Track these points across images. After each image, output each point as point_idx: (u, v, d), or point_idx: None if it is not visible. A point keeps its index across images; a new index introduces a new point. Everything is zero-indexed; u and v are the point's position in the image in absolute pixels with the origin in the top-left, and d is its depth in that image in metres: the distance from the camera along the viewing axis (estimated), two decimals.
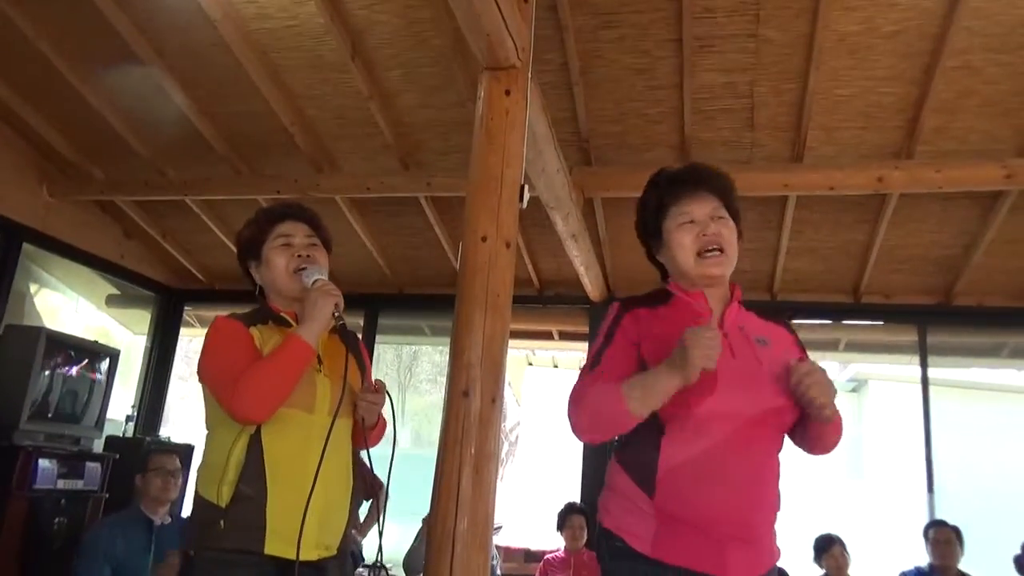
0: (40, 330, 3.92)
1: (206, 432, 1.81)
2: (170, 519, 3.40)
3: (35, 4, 3.64)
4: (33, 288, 5.74)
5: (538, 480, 8.17)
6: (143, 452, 4.95)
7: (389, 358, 11.84)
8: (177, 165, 4.69)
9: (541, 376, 8.71)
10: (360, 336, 2.01)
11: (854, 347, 5.72)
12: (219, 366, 1.73)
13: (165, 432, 5.88)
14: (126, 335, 6.54)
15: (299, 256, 1.87)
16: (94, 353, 4.31)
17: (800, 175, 3.94)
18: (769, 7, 3.27)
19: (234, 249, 2.04)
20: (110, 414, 5.34)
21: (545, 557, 4.92)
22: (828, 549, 4.25)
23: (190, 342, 7.20)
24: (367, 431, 1.89)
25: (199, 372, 1.79)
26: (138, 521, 3.32)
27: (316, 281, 1.82)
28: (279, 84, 3.93)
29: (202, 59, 3.84)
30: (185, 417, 8.84)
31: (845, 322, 5.39)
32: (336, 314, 1.79)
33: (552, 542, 5.42)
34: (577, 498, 5.08)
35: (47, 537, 3.79)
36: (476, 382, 2.21)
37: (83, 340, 4.29)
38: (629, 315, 1.67)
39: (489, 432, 2.21)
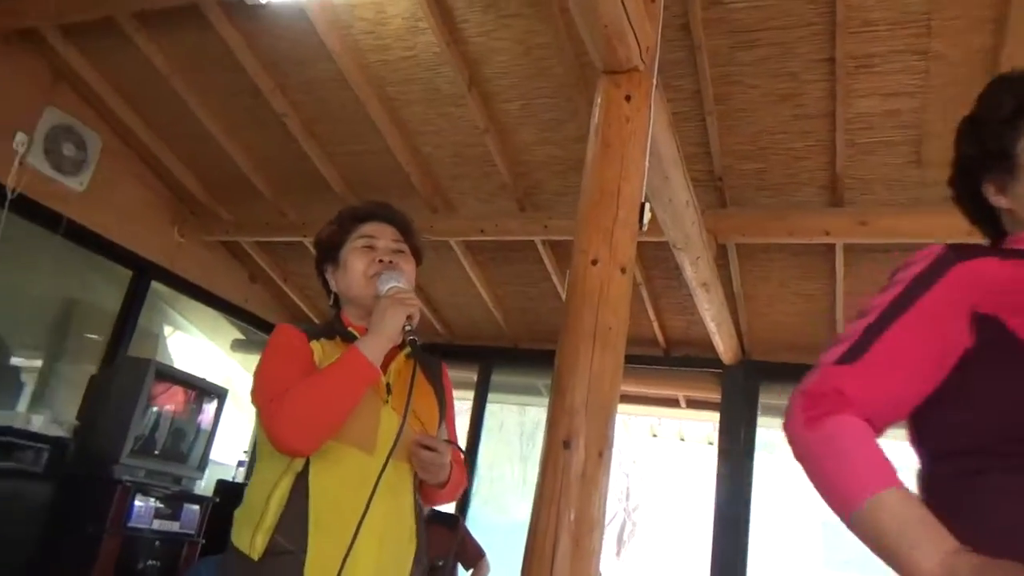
0: (150, 362, 3.89)
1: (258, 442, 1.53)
2: None
3: (168, 40, 3.74)
4: (168, 330, 5.92)
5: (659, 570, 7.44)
6: None
7: (511, 424, 11.39)
8: (296, 205, 4.68)
9: (665, 451, 8.06)
10: (472, 394, 1.69)
11: None
12: (266, 379, 1.45)
13: None
14: (249, 379, 6.61)
15: (380, 261, 1.59)
16: (203, 391, 4.25)
17: None
18: (942, 16, 2.80)
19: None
20: (222, 458, 5.32)
21: None
22: None
23: None
24: (433, 487, 1.57)
25: (252, 388, 1.51)
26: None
27: (391, 288, 1.52)
28: (396, 120, 3.83)
29: (321, 95, 3.81)
30: None
31: None
32: (408, 327, 1.47)
33: None
34: None
35: None
36: (580, 431, 1.83)
37: (192, 376, 4.25)
38: (964, 267, 0.97)
39: (594, 492, 1.81)
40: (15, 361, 4.54)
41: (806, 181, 3.55)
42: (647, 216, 2.09)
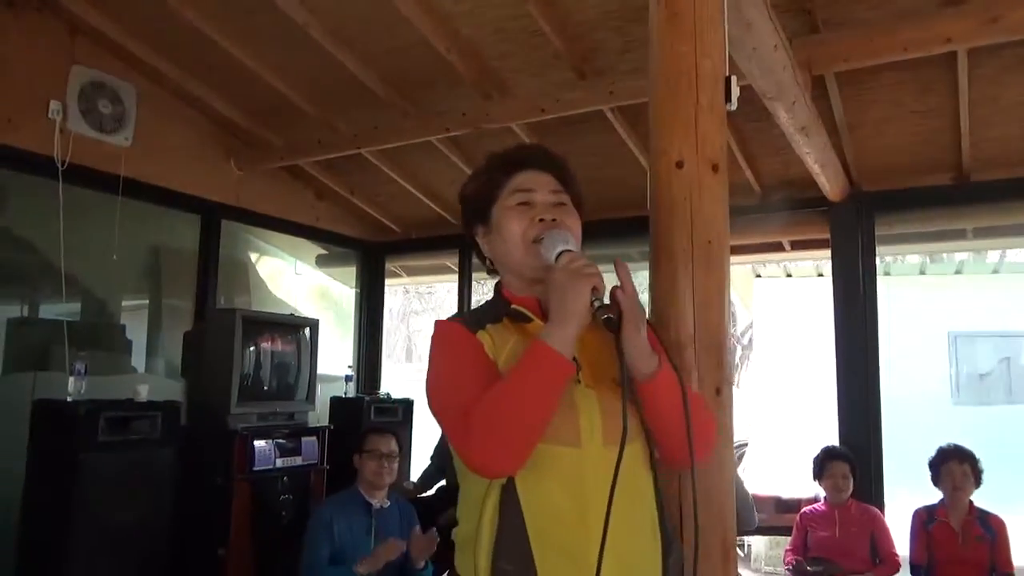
0: (235, 312, 3.85)
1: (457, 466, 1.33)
2: (388, 503, 3.21)
3: None
4: (254, 256, 5.94)
5: (776, 402, 7.31)
6: (363, 423, 4.97)
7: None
8: (345, 117, 4.39)
9: (772, 288, 7.70)
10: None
11: None
12: (446, 397, 1.26)
13: (384, 388, 5.88)
14: (344, 290, 6.64)
15: (541, 221, 1.33)
16: (293, 327, 4.22)
17: None
18: None
19: (421, 197, 1.52)
20: (330, 370, 5.41)
21: (803, 510, 4.22)
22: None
23: (394, 295, 7.21)
24: (641, 382, 1.25)
25: (428, 401, 1.33)
26: (358, 504, 3.19)
27: (562, 255, 1.25)
28: (425, 5, 3.40)
29: None
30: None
31: None
32: (595, 301, 1.19)
33: (804, 487, 4.70)
34: (834, 437, 4.27)
35: (275, 514, 3.82)
36: (692, 370, 1.58)
37: (280, 315, 4.24)
38: None
39: (720, 435, 1.58)
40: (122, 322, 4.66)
41: None
42: (735, 92, 1.71)
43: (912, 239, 5.12)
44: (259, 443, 3.73)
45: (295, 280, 6.47)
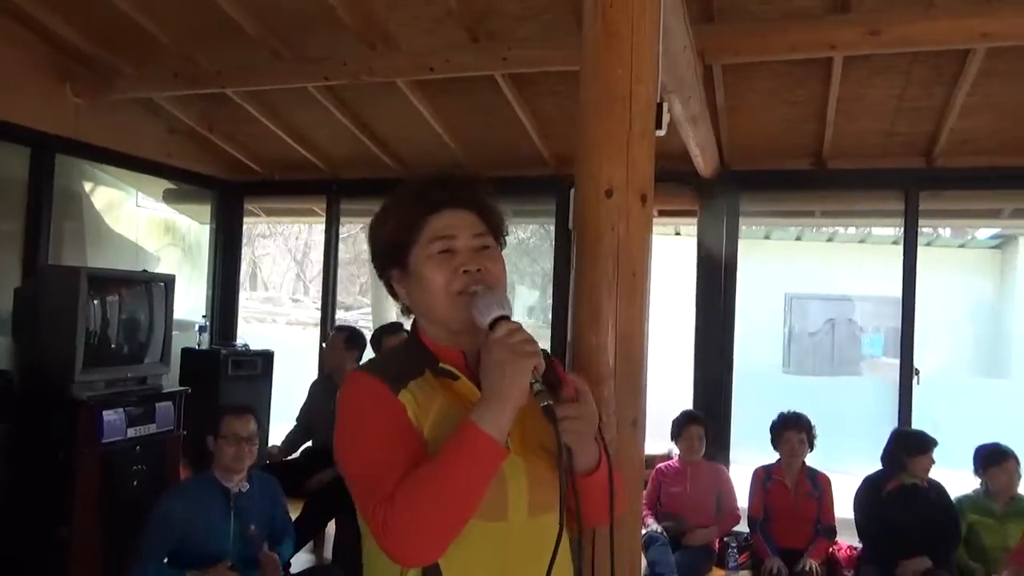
0: (80, 270, 3.45)
1: (364, 533, 1.21)
2: (248, 485, 3.03)
3: None
4: (88, 186, 5.33)
5: None
6: (220, 379, 4.69)
7: None
8: (208, 53, 3.97)
9: None
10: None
11: (1022, 214, 4.77)
12: (361, 469, 1.15)
13: (241, 339, 5.58)
14: (192, 225, 6.15)
15: (465, 272, 1.22)
16: (146, 284, 3.86)
17: (999, 19, 2.91)
18: None
19: (288, 140, 1.32)
20: (181, 314, 5.03)
21: (657, 467, 4.49)
22: (1000, 463, 3.64)
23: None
24: (578, 474, 1.20)
25: (338, 462, 1.20)
26: (213, 490, 2.96)
27: (498, 323, 1.15)
28: None
29: None
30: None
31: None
32: (535, 383, 1.12)
33: (659, 444, 5.00)
34: (689, 402, 4.57)
35: (127, 488, 3.55)
36: (610, 402, 1.58)
37: (131, 273, 3.85)
38: None
39: (631, 469, 1.61)
40: None
41: None
42: (667, 119, 1.68)
43: (770, 215, 5.47)
44: (108, 414, 3.42)
45: (134, 213, 5.90)
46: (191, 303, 5.72)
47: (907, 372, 4.29)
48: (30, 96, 4.03)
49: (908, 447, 3.76)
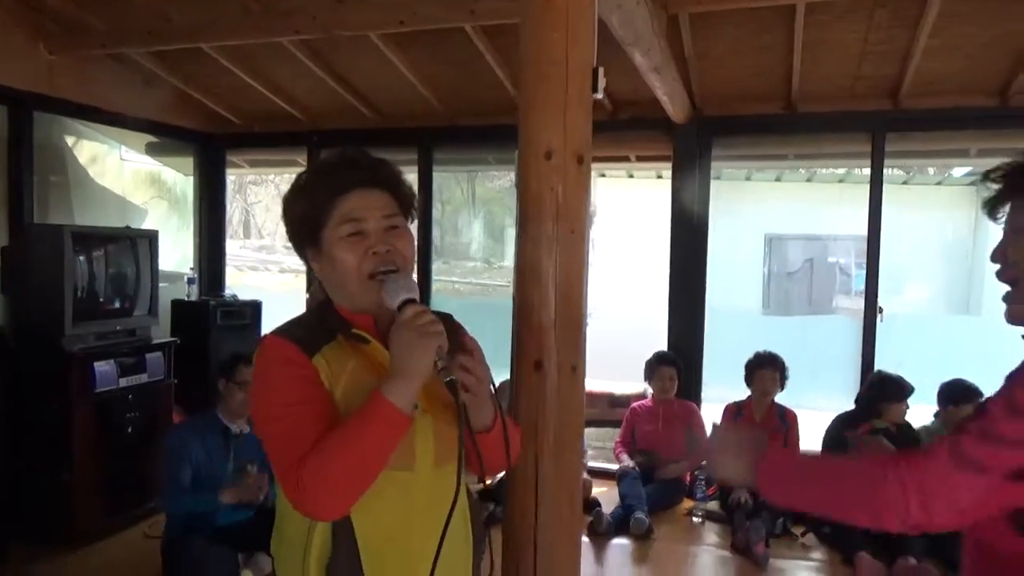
0: (63, 228, 3.55)
1: (277, 483, 1.28)
2: (248, 428, 3.22)
3: None
4: (70, 140, 5.37)
5: (612, 294, 7.84)
6: (209, 330, 4.82)
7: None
8: (180, 8, 3.98)
9: (615, 188, 8.05)
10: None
11: (988, 154, 4.85)
12: (275, 430, 1.23)
13: (230, 289, 5.70)
14: (178, 177, 6.20)
15: (375, 254, 1.29)
16: (131, 239, 3.96)
17: None
18: None
19: (265, 92, 1.38)
20: (170, 266, 5.13)
21: (632, 406, 4.70)
22: (959, 404, 3.73)
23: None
24: (476, 432, 1.28)
25: (254, 423, 1.30)
26: (215, 428, 3.16)
27: (406, 305, 1.24)
28: None
29: None
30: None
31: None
32: (439, 361, 1.21)
33: (634, 385, 5.20)
34: (663, 343, 4.73)
35: (122, 435, 3.73)
36: (552, 350, 1.72)
37: (114, 229, 3.94)
38: None
39: (571, 410, 1.76)
40: None
41: None
42: (602, 82, 1.77)
43: (744, 158, 5.54)
44: (100, 365, 3.57)
45: (118, 166, 5.94)
46: (180, 255, 5.82)
47: (871, 311, 4.43)
48: (3, 54, 4.05)
49: (886, 393, 3.83)
